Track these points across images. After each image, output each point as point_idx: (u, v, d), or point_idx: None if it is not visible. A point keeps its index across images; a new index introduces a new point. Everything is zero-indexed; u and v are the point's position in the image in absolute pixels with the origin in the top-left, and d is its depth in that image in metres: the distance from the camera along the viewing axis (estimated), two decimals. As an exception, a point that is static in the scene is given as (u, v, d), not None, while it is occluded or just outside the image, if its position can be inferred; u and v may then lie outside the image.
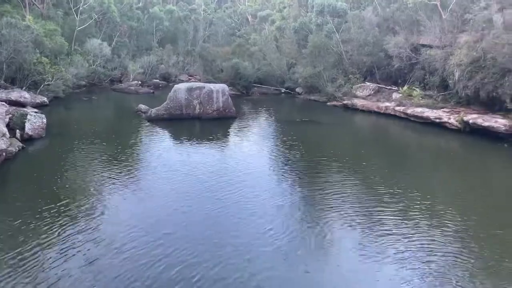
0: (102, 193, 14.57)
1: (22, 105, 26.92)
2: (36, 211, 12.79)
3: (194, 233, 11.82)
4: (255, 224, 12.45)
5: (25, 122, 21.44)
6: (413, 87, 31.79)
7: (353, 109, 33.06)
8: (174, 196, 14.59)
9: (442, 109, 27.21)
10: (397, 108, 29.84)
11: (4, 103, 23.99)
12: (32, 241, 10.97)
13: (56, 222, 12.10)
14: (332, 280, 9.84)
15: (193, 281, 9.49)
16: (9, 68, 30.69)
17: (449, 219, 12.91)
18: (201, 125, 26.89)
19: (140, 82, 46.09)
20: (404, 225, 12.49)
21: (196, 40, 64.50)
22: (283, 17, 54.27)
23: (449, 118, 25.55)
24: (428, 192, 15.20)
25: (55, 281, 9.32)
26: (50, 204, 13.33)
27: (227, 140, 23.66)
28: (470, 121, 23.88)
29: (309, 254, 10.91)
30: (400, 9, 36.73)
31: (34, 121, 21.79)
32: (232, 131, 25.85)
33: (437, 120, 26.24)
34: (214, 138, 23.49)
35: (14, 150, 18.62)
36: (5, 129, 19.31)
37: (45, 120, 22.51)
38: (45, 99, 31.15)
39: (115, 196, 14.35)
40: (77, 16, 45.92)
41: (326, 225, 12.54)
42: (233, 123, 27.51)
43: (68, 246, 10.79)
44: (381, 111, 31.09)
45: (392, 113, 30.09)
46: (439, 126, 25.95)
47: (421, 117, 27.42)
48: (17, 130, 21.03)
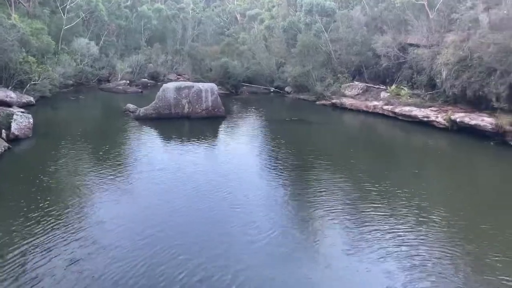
0: (89, 193, 14.44)
1: (8, 105, 26.50)
2: (23, 211, 12.66)
3: (181, 232, 11.77)
4: (242, 222, 12.46)
5: (11, 122, 21.14)
6: (401, 86, 32.04)
7: (342, 108, 33.21)
8: (162, 196, 14.52)
9: (430, 108, 27.47)
10: (385, 107, 30.05)
11: (-10, 103, 23.65)
12: (18, 241, 10.87)
13: (43, 222, 11.98)
14: (318, 276, 9.87)
15: (177, 280, 9.46)
16: (-5, 68, 30.25)
17: (436, 216, 13.05)
18: (190, 125, 26.79)
19: (128, 82, 45.75)
20: (392, 222, 12.59)
21: (185, 39, 64.22)
22: (272, 16, 54.27)
23: (437, 117, 25.80)
24: (416, 190, 15.32)
25: (39, 281, 9.26)
26: (37, 204, 13.19)
27: (216, 140, 23.63)
28: (458, 120, 24.13)
29: (295, 250, 10.94)
30: (388, 9, 36.97)
31: (21, 121, 21.50)
32: (221, 131, 25.81)
33: (425, 119, 26.48)
34: (203, 138, 23.42)
35: (0, 151, 18.36)
36: (-9, 130, 19.04)
37: (32, 120, 22.22)
38: (32, 99, 30.75)
39: (102, 196, 14.22)
40: (64, 15, 45.38)
41: (314, 222, 12.62)
42: (222, 123, 27.46)
43: (53, 246, 10.72)
44: (370, 110, 31.27)
45: (381, 112, 30.28)
46: (427, 125, 26.19)
47: (409, 116, 27.63)
48: (3, 130, 20.71)
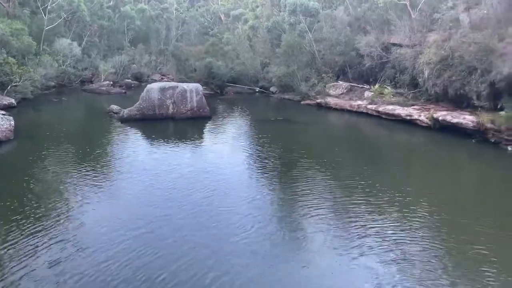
0: (72, 195, 14.25)
1: (-12, 107, 26.08)
2: (5, 214, 12.47)
3: (164, 233, 11.70)
4: (227, 221, 12.47)
5: (-8, 125, 20.78)
6: (384, 86, 32.34)
7: (327, 108, 33.40)
8: (145, 197, 14.41)
9: (413, 107, 27.83)
10: (369, 106, 30.33)
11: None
12: None
13: (25, 224, 11.81)
14: (302, 273, 9.91)
15: (158, 281, 9.41)
16: (-26, 69, 29.70)
17: (419, 212, 13.24)
18: (175, 125, 26.65)
19: (112, 82, 45.31)
20: (375, 218, 12.72)
21: (169, 39, 63.89)
22: (256, 16, 54.30)
23: (420, 115, 26.14)
24: (399, 187, 15.49)
25: (17, 285, 9.15)
26: (18, 207, 12.99)
27: (202, 140, 23.56)
28: (440, 118, 24.48)
29: (280, 248, 11.02)
30: (371, 9, 37.30)
31: (2, 123, 21.11)
32: (207, 131, 25.75)
33: (408, 118, 26.80)
34: (188, 138, 23.34)
35: (-20, 154, 18.04)
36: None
37: (13, 122, 21.83)
38: (13, 101, 30.25)
39: (84, 198, 14.03)
40: (45, 15, 44.76)
41: (299, 220, 12.70)
42: (208, 123, 27.37)
43: (33, 248, 10.58)
44: (354, 109, 31.53)
45: (365, 111, 30.56)
46: (410, 123, 26.50)
47: (393, 115, 27.94)
48: (-17, 133, 20.36)
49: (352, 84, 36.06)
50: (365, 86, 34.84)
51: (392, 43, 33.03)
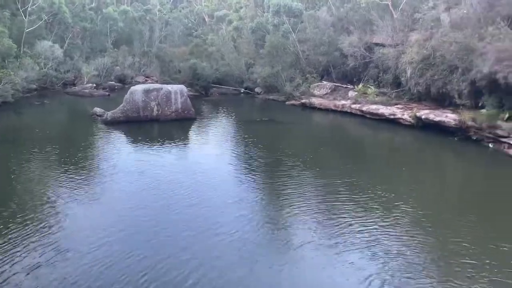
0: (55, 199, 14.05)
1: (-32, 111, 25.56)
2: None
3: (148, 234, 11.62)
4: (212, 221, 12.43)
5: (-29, 129, 20.37)
6: (368, 85, 32.63)
7: (311, 108, 33.53)
8: (128, 199, 14.28)
9: (396, 106, 28.11)
10: (353, 106, 30.54)
11: None
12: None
13: (4, 229, 11.60)
14: (286, 269, 9.94)
15: (140, 283, 9.35)
16: (-48, 72, 29.07)
17: (403, 209, 13.42)
18: (160, 127, 26.46)
19: (95, 85, 44.74)
20: (359, 215, 12.85)
21: (152, 41, 63.37)
22: (240, 17, 54.24)
23: (403, 114, 26.42)
24: (384, 185, 15.61)
25: None
26: (0, 211, 12.74)
27: (186, 142, 23.44)
28: (423, 117, 24.77)
29: (265, 247, 11.07)
30: (354, 9, 37.57)
31: (-19, 127, 20.73)
32: (192, 132, 25.64)
33: (392, 117, 27.07)
34: (173, 140, 23.18)
35: (-41, 158, 17.66)
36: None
37: (-7, 126, 21.48)
38: (-7, 104, 29.74)
39: (68, 201, 13.84)
40: (26, 17, 44.00)
41: (285, 218, 12.74)
42: (193, 124, 27.25)
43: (14, 253, 10.42)
44: (338, 109, 31.72)
45: (349, 111, 30.76)
46: (394, 122, 26.77)
47: (376, 114, 28.19)
48: (-38, 137, 19.95)
49: (336, 84, 36.26)
50: (349, 86, 35.08)
51: (375, 43, 33.34)
